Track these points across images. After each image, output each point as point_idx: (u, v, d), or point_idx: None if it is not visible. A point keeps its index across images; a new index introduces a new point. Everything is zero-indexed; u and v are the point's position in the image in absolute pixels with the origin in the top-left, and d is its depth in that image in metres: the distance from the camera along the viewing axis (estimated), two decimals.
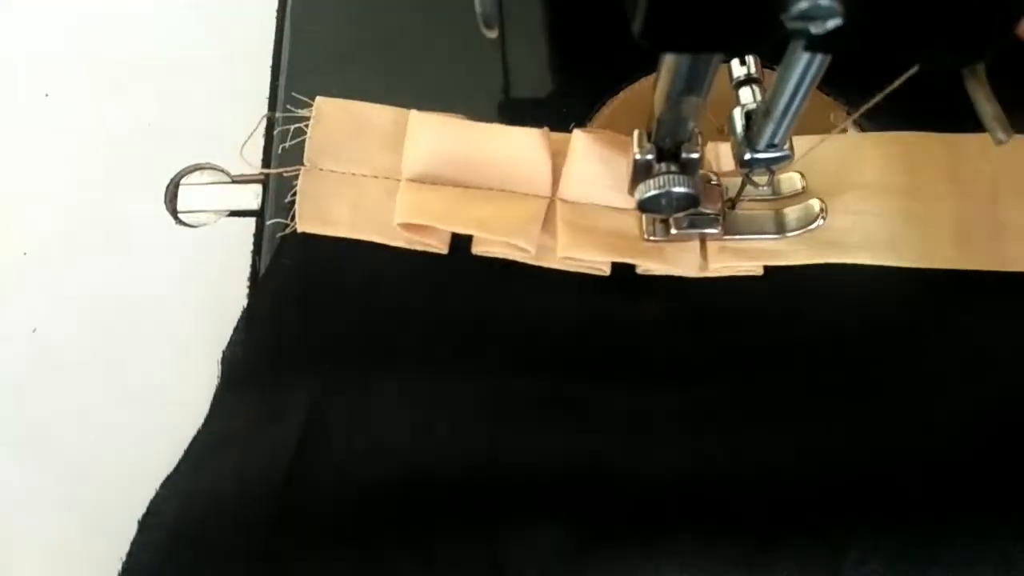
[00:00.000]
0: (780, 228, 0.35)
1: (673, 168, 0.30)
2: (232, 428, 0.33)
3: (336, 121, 0.37)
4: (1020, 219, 0.34)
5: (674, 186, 0.30)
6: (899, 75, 0.28)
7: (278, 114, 0.37)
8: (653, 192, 0.30)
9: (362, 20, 0.41)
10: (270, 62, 0.41)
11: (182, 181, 0.39)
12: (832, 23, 0.19)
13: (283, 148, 0.37)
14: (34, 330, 0.37)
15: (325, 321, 0.35)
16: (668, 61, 0.25)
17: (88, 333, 0.37)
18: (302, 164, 0.36)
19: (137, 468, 0.32)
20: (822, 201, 0.34)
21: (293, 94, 0.37)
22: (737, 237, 0.35)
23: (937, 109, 0.34)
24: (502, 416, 0.32)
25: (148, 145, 0.40)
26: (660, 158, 0.30)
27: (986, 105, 0.22)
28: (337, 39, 0.40)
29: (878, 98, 0.29)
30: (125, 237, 0.38)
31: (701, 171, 0.34)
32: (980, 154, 0.35)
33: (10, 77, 0.41)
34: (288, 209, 0.36)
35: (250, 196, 0.39)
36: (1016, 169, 0.35)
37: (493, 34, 0.25)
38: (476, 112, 0.36)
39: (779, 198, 0.35)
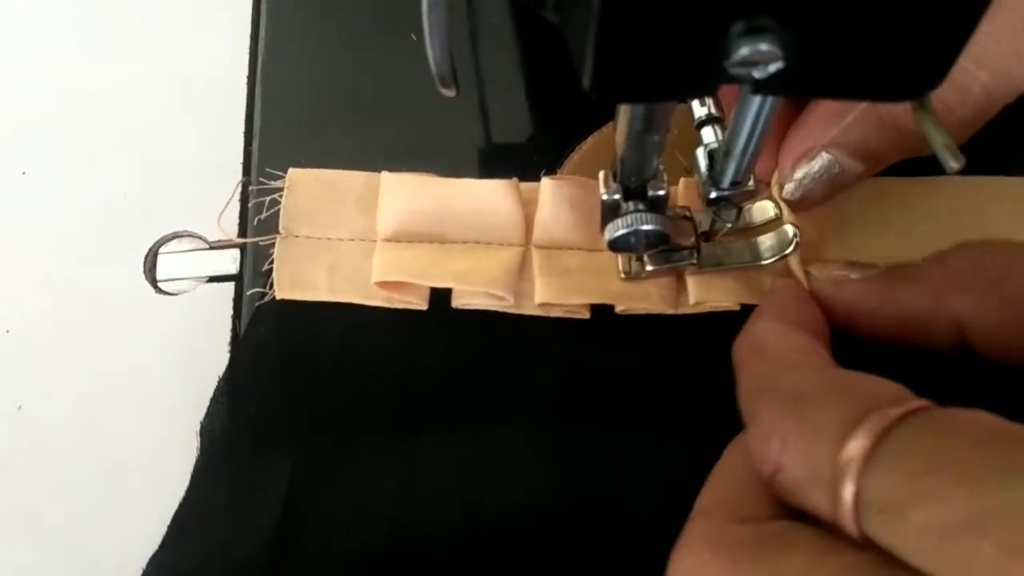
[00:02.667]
0: (755, 256, 0.35)
1: (640, 206, 0.30)
2: (214, 502, 0.33)
3: (309, 189, 0.37)
4: None
5: (642, 224, 0.30)
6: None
7: (252, 187, 0.38)
8: (622, 231, 0.30)
9: (330, 85, 0.41)
10: (243, 129, 0.41)
11: (160, 250, 0.39)
12: (774, 67, 0.19)
13: (259, 220, 0.37)
14: (19, 407, 0.37)
15: (303, 388, 0.34)
16: (624, 105, 0.26)
17: (74, 408, 0.36)
18: (278, 233, 0.36)
19: (126, 544, 0.32)
20: (795, 226, 0.34)
21: (267, 169, 0.37)
22: (713, 269, 0.35)
23: None
24: (481, 471, 0.32)
25: (125, 217, 0.40)
26: (627, 197, 0.31)
27: (936, 135, 0.23)
28: (307, 103, 0.41)
29: (834, 133, 0.29)
30: (107, 309, 0.38)
31: (676, 207, 0.34)
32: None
33: None
34: (266, 278, 0.36)
35: (228, 261, 0.39)
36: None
37: (451, 93, 0.25)
38: (446, 166, 0.37)
39: (753, 227, 0.35)
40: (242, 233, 0.39)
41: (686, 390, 0.34)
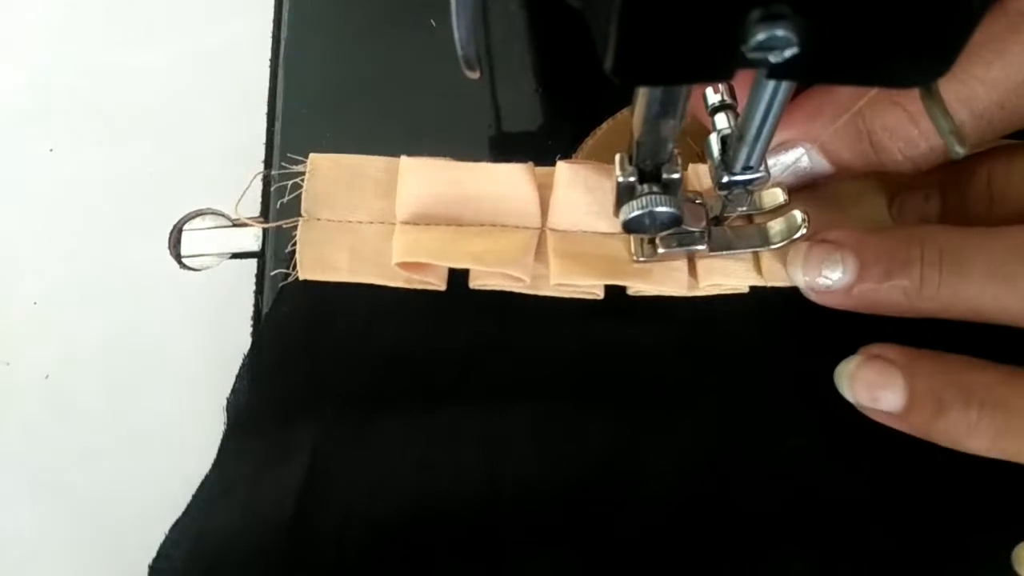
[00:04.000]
0: (764, 241, 0.35)
1: (655, 188, 0.31)
2: (239, 472, 0.34)
3: (330, 173, 0.38)
4: None
5: (656, 206, 0.31)
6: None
7: (274, 172, 0.38)
8: (637, 212, 0.31)
9: (350, 69, 0.42)
10: (265, 110, 0.42)
11: (185, 227, 0.40)
12: (789, 52, 0.20)
13: (281, 203, 0.38)
14: (46, 377, 0.38)
15: (326, 364, 0.35)
16: (643, 88, 0.27)
17: (99, 378, 0.37)
18: (300, 216, 0.37)
19: (149, 513, 0.33)
20: (804, 212, 0.35)
21: (288, 152, 0.38)
22: (723, 253, 0.35)
23: None
24: (500, 448, 0.33)
25: (151, 194, 0.41)
26: (642, 179, 0.31)
27: (942, 120, 0.23)
28: (328, 87, 0.41)
29: (844, 119, 0.30)
30: (132, 283, 0.39)
31: (687, 192, 0.35)
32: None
33: (16, 133, 0.43)
34: (288, 259, 0.37)
35: (250, 238, 0.40)
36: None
37: (476, 75, 0.26)
38: (464, 151, 0.37)
39: (763, 212, 0.36)
40: (264, 215, 0.39)
41: (696, 369, 0.35)
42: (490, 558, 0.31)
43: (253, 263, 0.39)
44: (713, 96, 0.32)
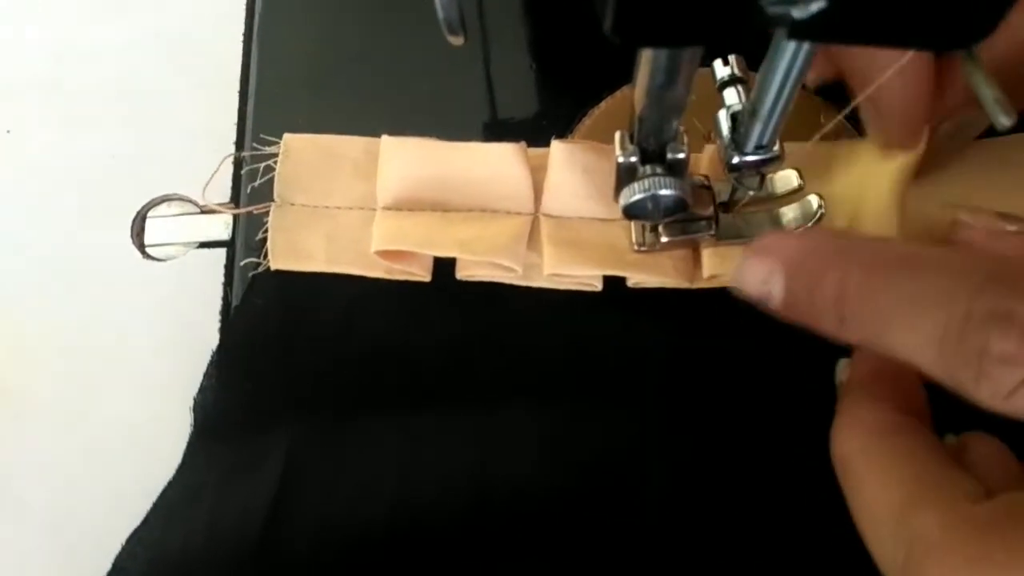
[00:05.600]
0: (778, 229, 0.33)
1: (659, 170, 0.29)
2: (205, 479, 0.32)
3: (305, 155, 0.36)
4: None
5: (660, 188, 0.28)
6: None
7: (245, 154, 0.36)
8: (639, 196, 0.29)
9: (328, 45, 0.40)
10: (237, 88, 0.40)
11: (149, 214, 0.38)
12: (816, 5, 0.18)
13: (252, 188, 0.36)
14: None
15: (302, 361, 0.34)
16: (646, 52, 0.24)
17: (55, 378, 0.35)
18: (272, 201, 0.35)
19: (108, 521, 0.31)
20: (820, 197, 0.33)
21: (261, 134, 0.36)
22: (732, 242, 0.33)
23: None
24: (488, 448, 0.31)
25: (113, 179, 0.39)
26: (645, 160, 0.29)
27: (985, 89, 0.21)
28: (304, 64, 0.39)
29: (867, 92, 0.27)
30: (92, 275, 0.37)
31: (693, 176, 0.33)
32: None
33: None
34: (260, 247, 0.35)
35: (220, 226, 0.38)
36: None
37: (459, 41, 0.24)
38: (451, 130, 0.35)
39: (775, 198, 0.34)
40: (235, 201, 0.37)
41: (699, 367, 0.33)
42: (476, 563, 0.30)
43: (222, 253, 0.37)
44: (722, 69, 0.30)
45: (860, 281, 0.22)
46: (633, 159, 0.29)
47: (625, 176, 0.29)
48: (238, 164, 0.38)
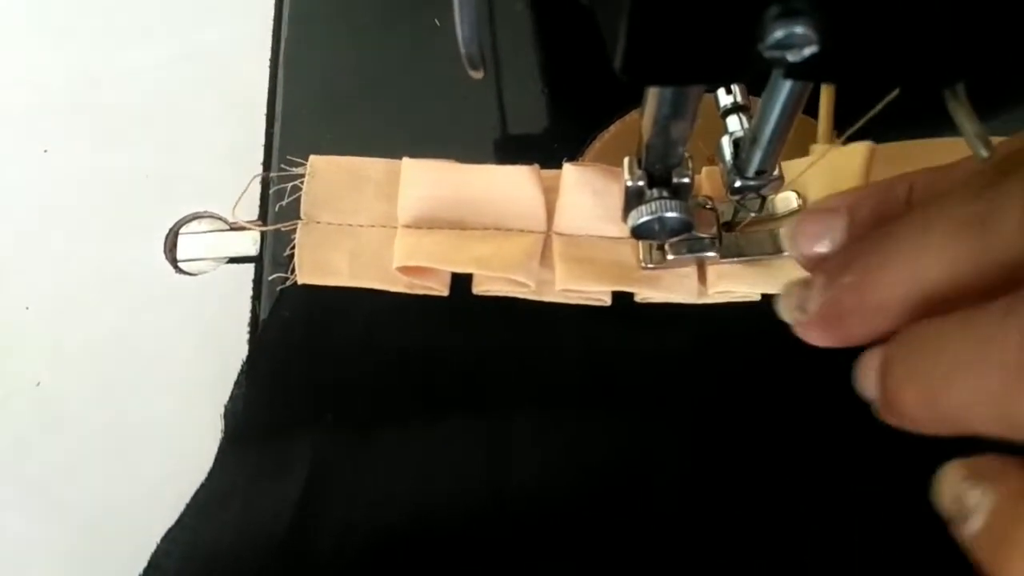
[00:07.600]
0: (777, 247, 0.34)
1: (665, 193, 0.30)
2: (235, 482, 0.33)
3: (330, 175, 0.37)
4: None
5: (666, 211, 0.30)
6: (883, 96, 0.29)
7: (273, 174, 0.38)
8: (646, 218, 0.30)
9: (352, 70, 0.41)
10: (264, 111, 0.41)
11: (181, 230, 0.39)
12: (808, 50, 0.19)
13: (280, 206, 0.37)
14: (38, 384, 0.37)
15: (326, 372, 0.34)
16: (653, 88, 0.26)
17: (92, 385, 0.37)
18: (299, 219, 0.36)
19: (141, 521, 0.32)
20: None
21: (287, 154, 0.37)
22: (734, 260, 0.34)
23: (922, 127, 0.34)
24: (503, 455, 0.32)
25: (146, 196, 0.40)
26: (652, 184, 0.30)
27: (967, 124, 0.22)
28: (329, 88, 0.41)
29: (863, 121, 0.29)
30: (126, 288, 0.38)
31: (697, 196, 0.34)
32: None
33: (10, 133, 0.42)
34: (287, 263, 0.36)
35: (248, 243, 0.39)
36: None
37: (479, 75, 0.25)
38: (467, 153, 0.36)
39: (776, 218, 0.35)
40: (263, 219, 0.39)
41: (705, 379, 0.34)
42: (495, 570, 0.30)
43: (250, 268, 0.39)
44: (725, 97, 0.31)
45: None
46: (641, 183, 0.30)
47: (633, 199, 0.30)
48: (266, 183, 0.39)
